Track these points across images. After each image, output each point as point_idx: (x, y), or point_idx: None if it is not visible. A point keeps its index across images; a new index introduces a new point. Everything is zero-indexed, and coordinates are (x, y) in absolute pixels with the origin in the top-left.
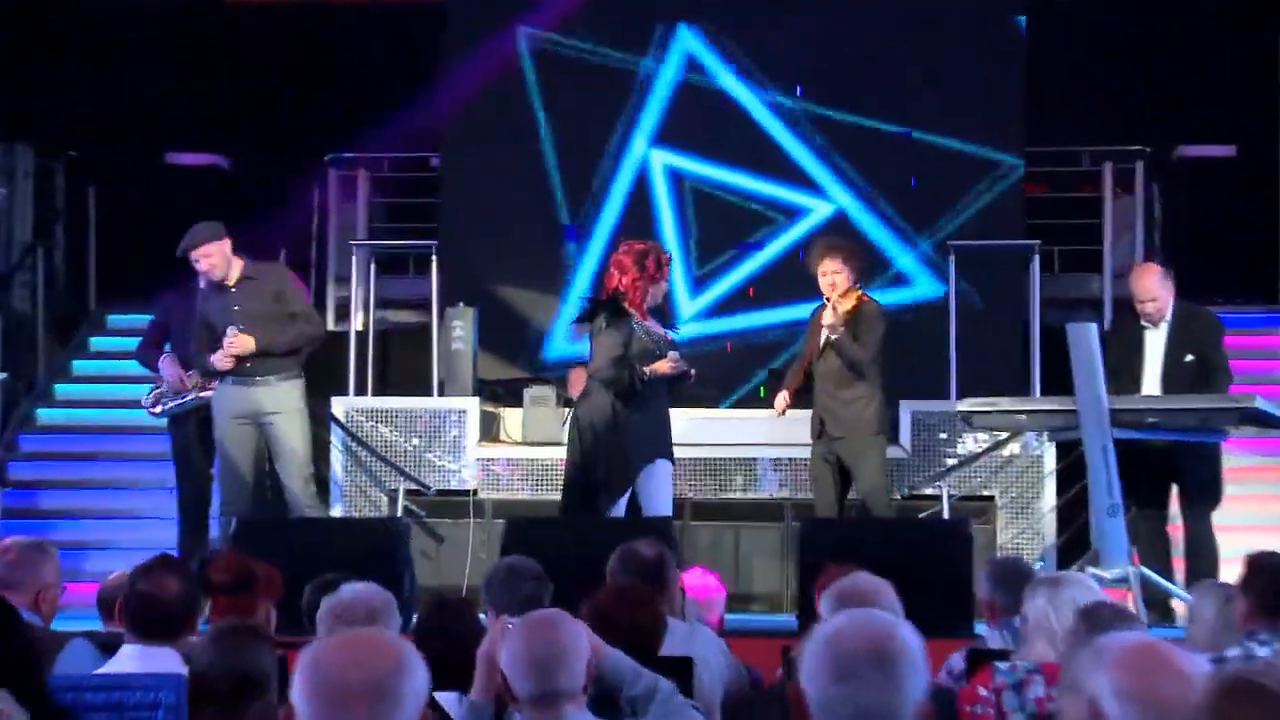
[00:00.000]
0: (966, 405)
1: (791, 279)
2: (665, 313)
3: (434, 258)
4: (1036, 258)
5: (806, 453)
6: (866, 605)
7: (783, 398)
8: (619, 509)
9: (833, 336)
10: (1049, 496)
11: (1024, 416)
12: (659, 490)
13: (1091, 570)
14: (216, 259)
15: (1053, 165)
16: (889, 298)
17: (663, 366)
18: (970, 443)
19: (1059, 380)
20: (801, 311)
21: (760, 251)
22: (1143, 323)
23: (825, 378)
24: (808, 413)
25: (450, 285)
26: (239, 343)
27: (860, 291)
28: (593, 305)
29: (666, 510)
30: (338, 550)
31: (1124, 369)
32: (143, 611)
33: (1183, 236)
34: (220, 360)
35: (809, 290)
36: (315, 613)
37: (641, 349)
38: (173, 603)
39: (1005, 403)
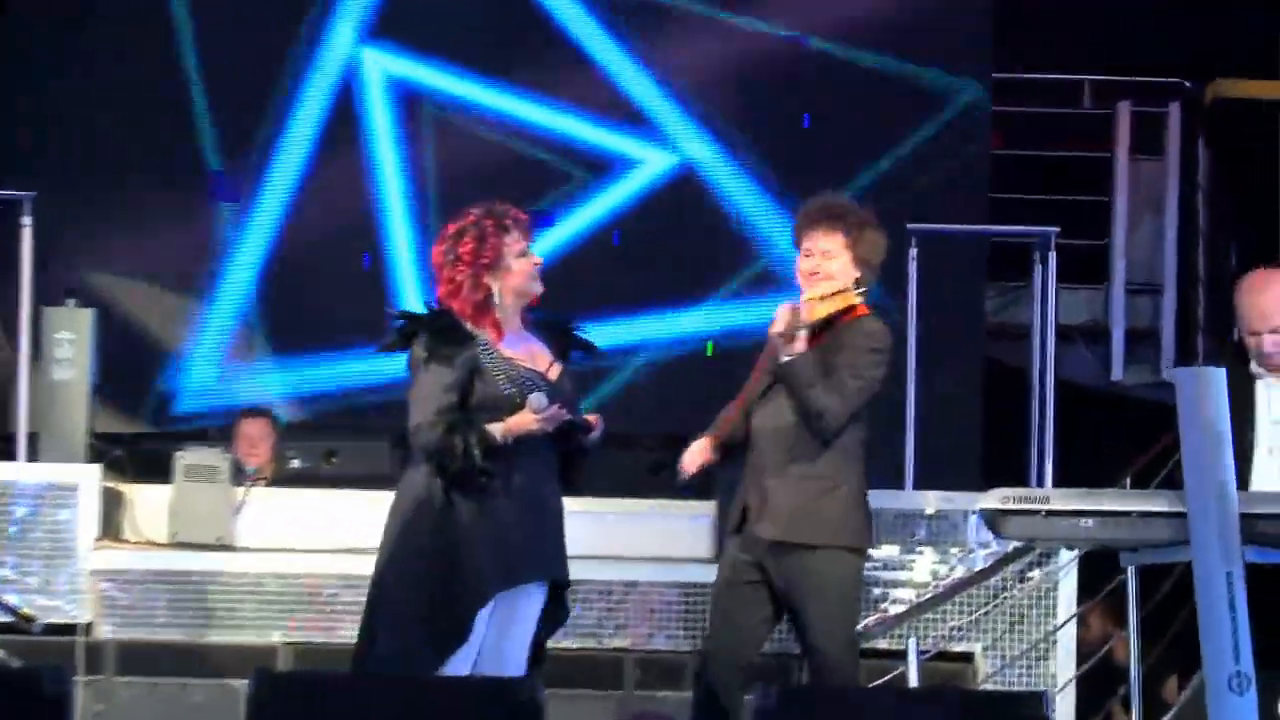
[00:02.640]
0: (994, 500)
1: (609, 277)
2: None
3: (26, 219)
4: (1052, 255)
5: (642, 574)
6: None
7: (701, 447)
8: (461, 663)
9: (781, 357)
10: (1065, 655)
11: (1091, 523)
12: (515, 633)
13: None
14: None
15: (1030, 104)
16: (760, 311)
17: (520, 422)
18: (932, 560)
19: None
20: (627, 332)
21: (549, 228)
22: (1253, 369)
23: (768, 436)
24: (640, 506)
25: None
26: None
27: (858, 296)
28: (410, 322)
29: (518, 665)
30: None
31: None
32: None
33: (1242, 219)
34: None
35: (641, 296)
36: None
37: (490, 395)
38: None
39: (1066, 498)
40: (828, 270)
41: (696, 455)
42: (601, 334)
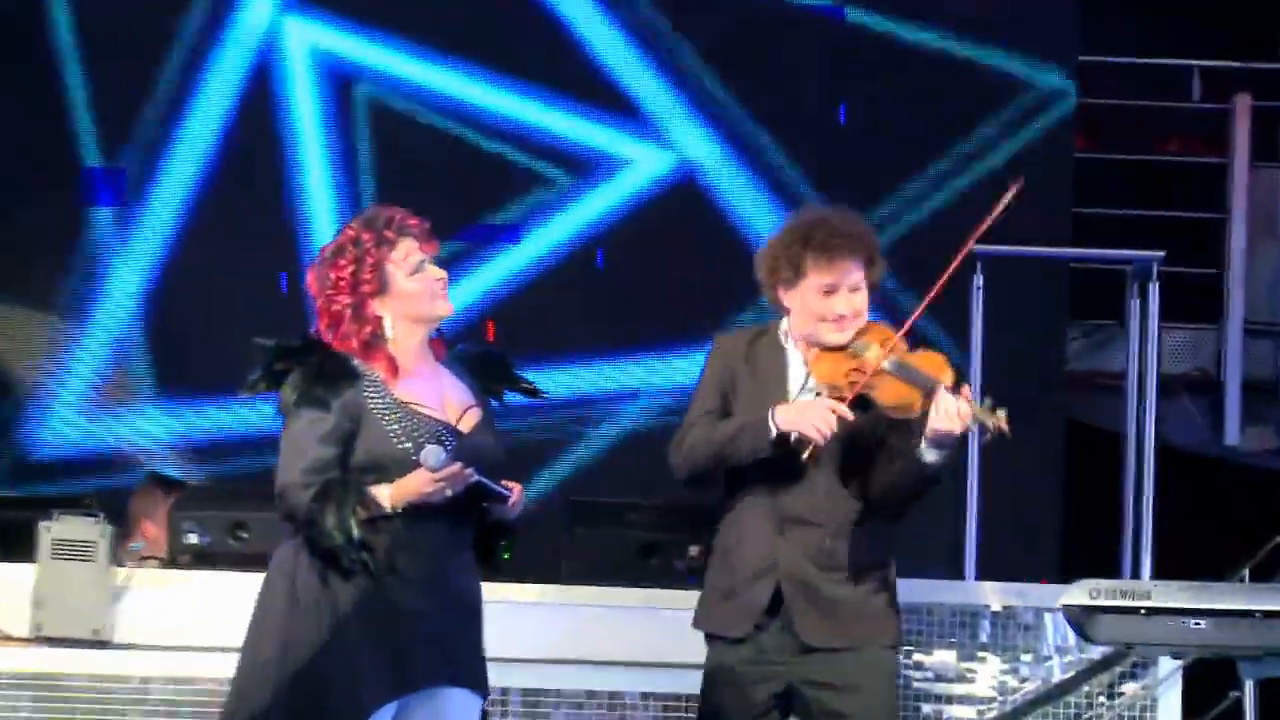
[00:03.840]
0: (1081, 595)
1: (591, 307)
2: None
3: None
4: (1153, 286)
5: (629, 683)
6: None
7: (832, 405)
8: None
9: (929, 458)
10: None
11: (1203, 624)
12: None
13: None
14: None
15: (1124, 95)
16: None
17: (415, 484)
18: (997, 669)
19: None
20: (614, 377)
21: (515, 246)
22: None
23: (820, 513)
24: (628, 597)
25: None
26: None
27: (891, 330)
28: (280, 355)
29: None
30: None
31: None
32: None
33: None
34: None
35: (632, 331)
36: None
37: (377, 449)
38: None
39: (1171, 594)
40: (863, 307)
41: (830, 416)
42: (582, 378)
